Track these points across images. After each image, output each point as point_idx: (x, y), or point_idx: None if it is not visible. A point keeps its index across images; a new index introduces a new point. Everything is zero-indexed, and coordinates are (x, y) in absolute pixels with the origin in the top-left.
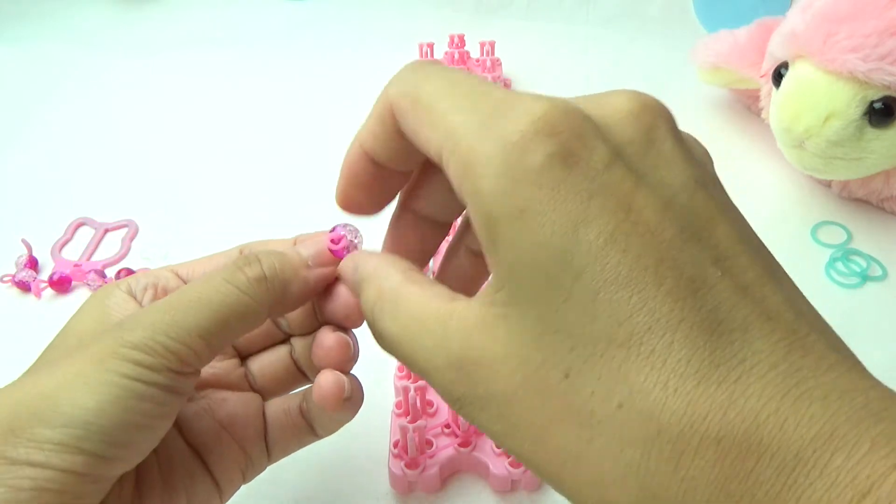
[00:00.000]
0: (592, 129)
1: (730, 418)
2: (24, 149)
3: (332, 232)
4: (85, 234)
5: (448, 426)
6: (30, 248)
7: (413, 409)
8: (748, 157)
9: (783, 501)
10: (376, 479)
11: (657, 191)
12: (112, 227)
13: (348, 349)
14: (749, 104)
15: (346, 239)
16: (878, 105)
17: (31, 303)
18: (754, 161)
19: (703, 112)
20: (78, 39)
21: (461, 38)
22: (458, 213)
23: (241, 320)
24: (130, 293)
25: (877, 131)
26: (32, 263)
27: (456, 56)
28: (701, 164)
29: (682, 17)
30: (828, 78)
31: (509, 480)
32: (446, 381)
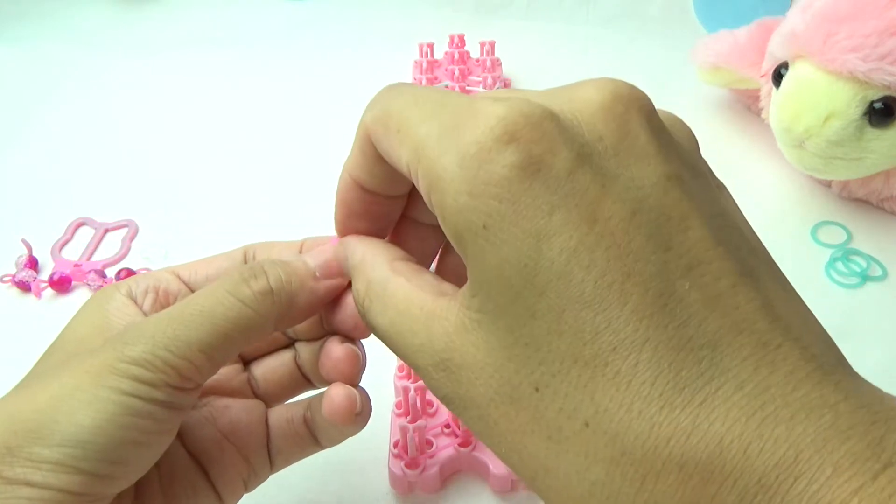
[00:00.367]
0: (557, 130)
1: (692, 443)
2: (24, 149)
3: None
4: (85, 234)
5: (448, 426)
6: (30, 248)
7: (413, 409)
8: (748, 157)
9: None
10: (376, 479)
11: (626, 194)
12: (112, 227)
13: (357, 361)
14: (749, 104)
15: None
16: (878, 105)
17: (31, 303)
18: (754, 161)
19: (703, 112)
20: (78, 39)
21: (461, 37)
22: None
23: (244, 334)
24: (131, 296)
25: (877, 131)
26: (32, 263)
27: (456, 56)
28: (680, 154)
29: (682, 17)
30: (828, 78)
31: (509, 480)
32: (433, 380)
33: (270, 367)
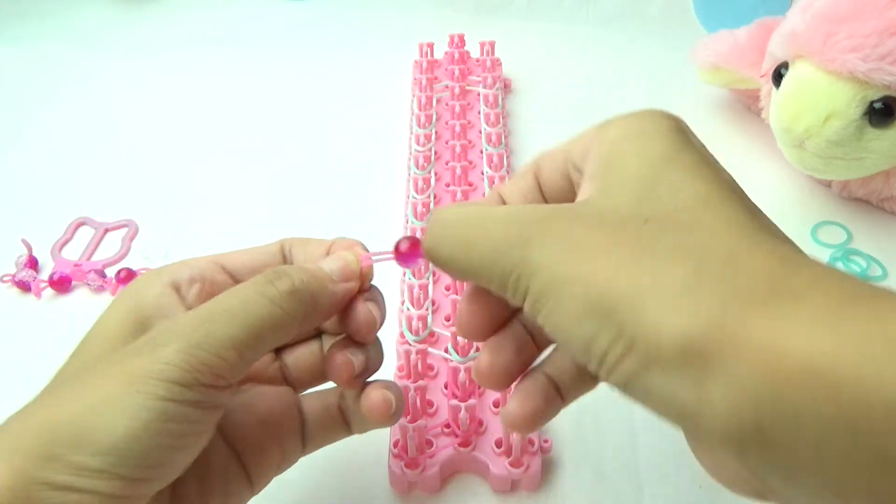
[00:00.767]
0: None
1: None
2: (24, 149)
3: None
4: (85, 233)
5: (448, 426)
6: (30, 248)
7: (413, 408)
8: (748, 157)
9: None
10: (376, 479)
11: None
12: (112, 227)
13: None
14: (749, 104)
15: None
16: (878, 105)
17: (31, 303)
18: (754, 161)
19: (703, 112)
20: (78, 39)
21: (461, 37)
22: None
23: (273, 331)
24: (174, 286)
25: (877, 131)
26: (32, 263)
27: (456, 56)
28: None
29: (682, 17)
30: (828, 78)
31: (509, 480)
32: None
33: (301, 356)
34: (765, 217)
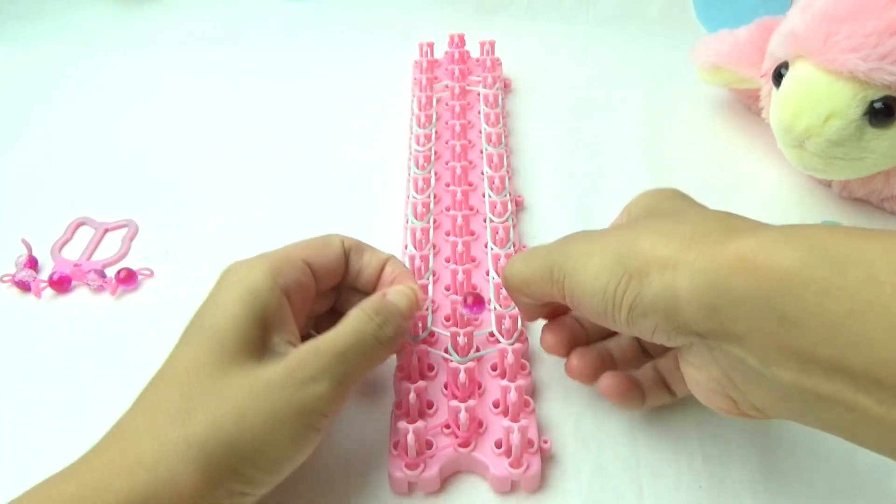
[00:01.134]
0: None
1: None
2: (24, 149)
3: (470, 305)
4: (85, 233)
5: (448, 426)
6: (30, 248)
7: (412, 409)
8: (748, 157)
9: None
10: (376, 480)
11: None
12: (112, 227)
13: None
14: (749, 104)
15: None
16: (878, 105)
17: (30, 302)
18: (754, 161)
19: (703, 112)
20: (78, 39)
21: (461, 37)
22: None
23: (377, 365)
24: (285, 291)
25: (877, 131)
26: (32, 263)
27: (456, 56)
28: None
29: (682, 17)
30: (828, 78)
31: (509, 481)
32: None
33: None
34: (732, 213)
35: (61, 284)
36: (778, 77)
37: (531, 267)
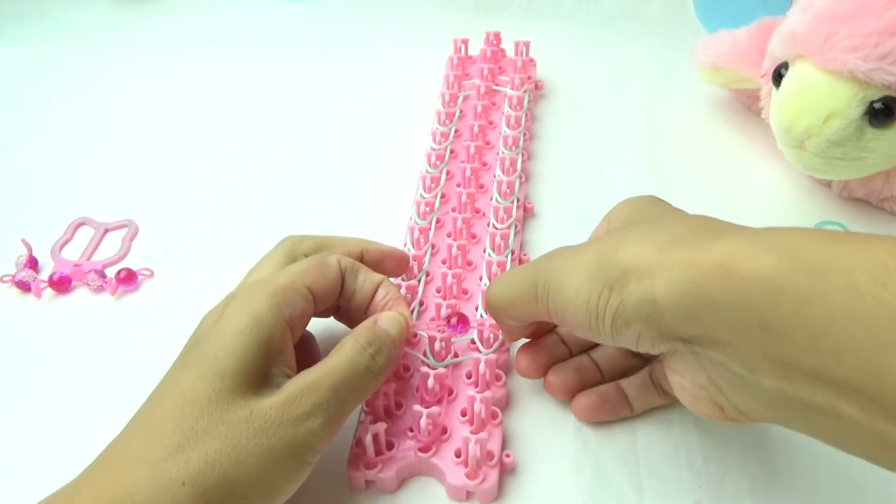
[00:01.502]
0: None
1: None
2: (24, 149)
3: (453, 324)
4: (85, 233)
5: (412, 430)
6: (30, 248)
7: (378, 409)
8: (748, 157)
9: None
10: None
11: None
12: (112, 227)
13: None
14: (749, 104)
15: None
16: (878, 105)
17: (30, 303)
18: (754, 161)
19: (703, 112)
20: (78, 39)
21: (497, 35)
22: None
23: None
24: (290, 324)
25: (877, 131)
26: (32, 263)
27: (488, 54)
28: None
29: (682, 17)
30: (828, 78)
31: (464, 491)
32: None
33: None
34: (710, 217)
35: (61, 284)
36: (778, 77)
37: (514, 287)
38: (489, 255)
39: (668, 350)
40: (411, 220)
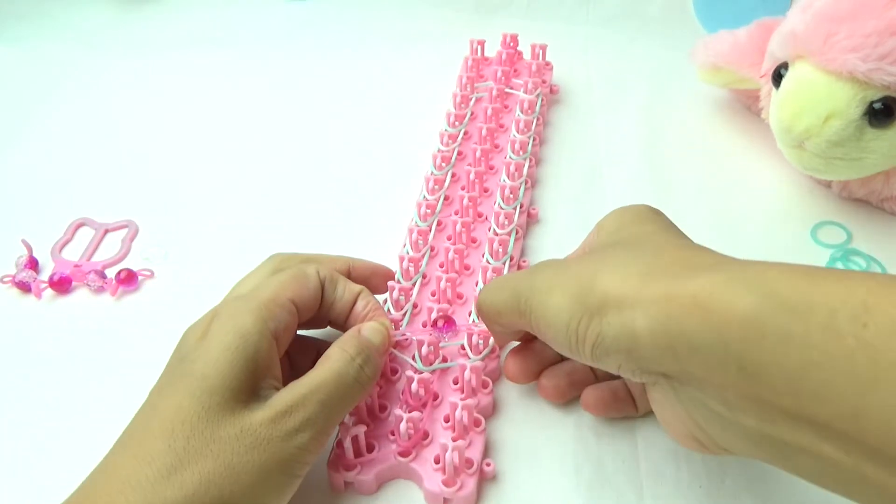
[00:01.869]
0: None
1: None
2: (24, 149)
3: (440, 325)
4: (85, 234)
5: (393, 433)
6: (30, 249)
7: (361, 411)
8: (748, 157)
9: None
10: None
11: None
12: (112, 228)
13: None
14: (749, 104)
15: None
16: (877, 105)
17: (31, 303)
18: (754, 161)
19: (703, 112)
20: (78, 39)
21: (514, 37)
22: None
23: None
24: (276, 336)
25: (877, 131)
26: (32, 264)
27: (504, 56)
28: None
29: (682, 17)
30: (828, 78)
31: (441, 497)
32: None
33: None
34: (690, 240)
35: (61, 285)
36: (778, 77)
37: (500, 298)
38: (487, 261)
39: (650, 381)
40: (412, 221)
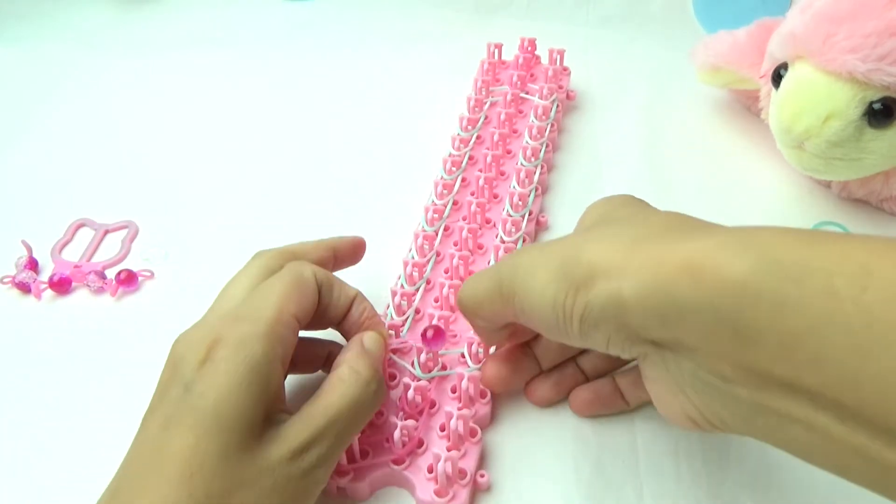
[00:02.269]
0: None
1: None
2: (24, 149)
3: (428, 338)
4: (85, 235)
5: (388, 440)
6: (30, 250)
7: None
8: (748, 158)
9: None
10: None
11: None
12: (112, 229)
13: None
14: (749, 104)
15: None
16: (877, 106)
17: (31, 304)
18: (754, 161)
19: (703, 112)
20: (78, 39)
21: (532, 42)
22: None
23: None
24: (283, 362)
25: (876, 132)
26: (32, 264)
27: (520, 60)
28: None
29: (682, 17)
30: (827, 78)
31: None
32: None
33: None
34: (680, 214)
35: (61, 286)
36: (777, 78)
37: (481, 287)
38: None
39: (639, 354)
40: (419, 225)
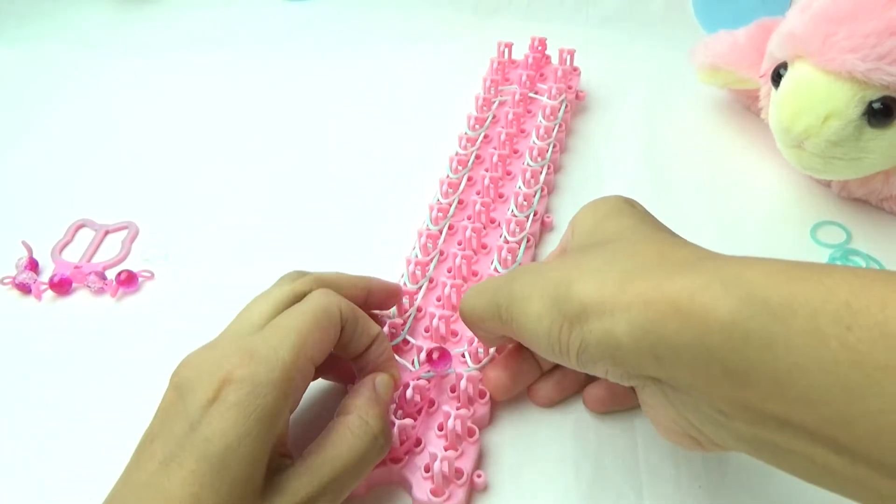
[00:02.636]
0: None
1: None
2: (24, 149)
3: (433, 361)
4: (85, 235)
5: None
6: (30, 250)
7: None
8: (748, 157)
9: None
10: None
11: None
12: (112, 229)
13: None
14: (748, 104)
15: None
16: (876, 105)
17: (31, 305)
18: (754, 161)
19: (702, 112)
20: (78, 39)
21: (542, 41)
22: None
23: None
24: (292, 408)
25: (876, 131)
26: (33, 265)
27: (530, 60)
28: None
29: (682, 17)
30: (827, 78)
31: None
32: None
33: None
34: (671, 232)
35: (62, 286)
36: (777, 77)
37: (481, 305)
38: (496, 268)
39: (639, 385)
40: (423, 224)
